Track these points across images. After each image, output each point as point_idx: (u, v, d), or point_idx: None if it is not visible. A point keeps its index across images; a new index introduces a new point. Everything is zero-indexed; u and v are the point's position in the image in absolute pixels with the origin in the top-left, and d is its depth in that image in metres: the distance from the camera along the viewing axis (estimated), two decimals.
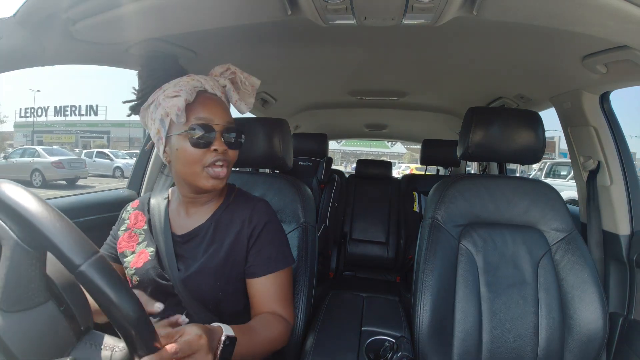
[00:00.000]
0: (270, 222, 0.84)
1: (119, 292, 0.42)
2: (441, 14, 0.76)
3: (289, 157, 1.18)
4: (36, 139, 27.21)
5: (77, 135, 28.02)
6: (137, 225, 0.87)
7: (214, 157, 0.75)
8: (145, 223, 0.86)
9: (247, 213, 0.83)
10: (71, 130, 28.45)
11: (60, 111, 28.78)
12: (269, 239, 0.82)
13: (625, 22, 0.68)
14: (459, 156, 1.20)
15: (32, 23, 0.72)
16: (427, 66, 1.38)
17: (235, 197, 0.87)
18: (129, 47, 0.95)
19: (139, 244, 0.84)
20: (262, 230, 0.82)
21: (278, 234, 0.85)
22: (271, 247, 0.82)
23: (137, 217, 0.88)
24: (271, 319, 0.78)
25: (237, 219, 0.83)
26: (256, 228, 0.82)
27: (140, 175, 1.46)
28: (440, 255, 1.01)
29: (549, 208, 1.07)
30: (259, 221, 0.82)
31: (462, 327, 0.98)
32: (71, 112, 28.70)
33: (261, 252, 0.81)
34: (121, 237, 0.86)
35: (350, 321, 1.06)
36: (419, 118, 2.42)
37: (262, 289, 0.80)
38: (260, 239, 0.81)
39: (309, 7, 0.76)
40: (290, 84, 1.69)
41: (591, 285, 0.98)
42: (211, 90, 0.79)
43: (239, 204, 0.85)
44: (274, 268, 0.81)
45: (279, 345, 0.78)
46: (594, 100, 1.16)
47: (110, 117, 28.89)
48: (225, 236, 0.81)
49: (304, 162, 2.37)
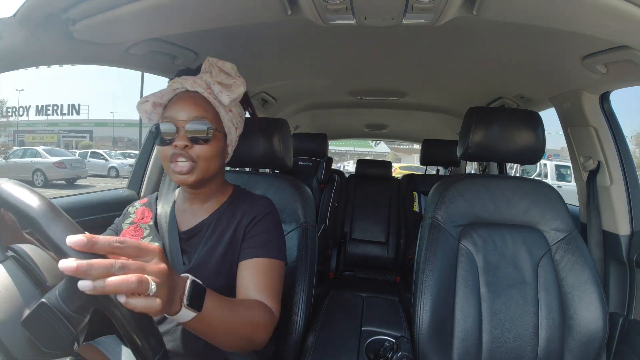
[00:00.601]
0: (270, 214, 0.84)
1: None
2: (441, 14, 0.76)
3: (289, 157, 1.18)
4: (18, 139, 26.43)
5: (59, 135, 27.41)
6: (144, 220, 0.89)
7: (170, 153, 0.77)
8: (151, 219, 0.88)
9: (249, 204, 0.85)
10: (53, 129, 27.84)
11: (42, 110, 28.17)
12: (265, 227, 0.82)
13: (625, 22, 0.68)
14: (459, 156, 1.20)
15: (32, 23, 0.72)
16: (427, 66, 1.38)
17: (238, 195, 0.89)
18: (129, 47, 0.95)
19: (143, 238, 0.86)
20: (261, 219, 0.82)
21: (275, 227, 0.84)
22: (266, 235, 0.81)
23: (143, 213, 0.90)
24: (255, 303, 0.72)
25: (238, 214, 0.84)
26: (255, 218, 0.82)
27: (140, 175, 1.46)
28: (440, 255, 1.01)
29: (549, 208, 1.07)
30: (258, 212, 0.83)
31: (462, 327, 0.98)
32: (53, 112, 28.10)
33: (255, 238, 0.80)
34: (125, 230, 0.88)
35: (350, 321, 1.06)
36: (419, 118, 2.43)
37: (248, 274, 0.76)
38: (256, 227, 0.81)
39: (309, 7, 0.76)
40: (290, 84, 1.69)
41: (591, 286, 0.98)
42: (191, 88, 0.81)
43: (242, 201, 0.87)
44: (264, 254, 0.78)
45: (259, 335, 0.69)
46: (594, 100, 1.16)
47: (92, 116, 28.45)
48: (226, 229, 0.82)
49: (304, 162, 2.37)
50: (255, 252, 0.78)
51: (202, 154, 0.78)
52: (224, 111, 0.82)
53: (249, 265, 0.78)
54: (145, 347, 0.44)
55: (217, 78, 0.81)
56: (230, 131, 0.85)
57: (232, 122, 0.85)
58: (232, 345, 0.67)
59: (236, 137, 0.88)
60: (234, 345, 0.68)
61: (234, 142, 0.89)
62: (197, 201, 0.86)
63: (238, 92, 0.81)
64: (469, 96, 1.75)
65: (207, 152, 0.78)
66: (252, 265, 0.77)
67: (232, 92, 0.81)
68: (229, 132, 0.85)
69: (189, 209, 0.87)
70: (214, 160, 0.81)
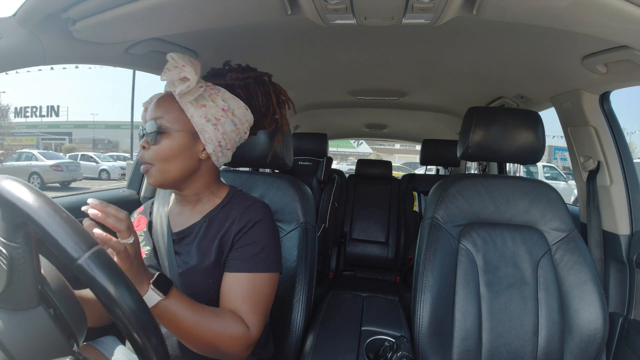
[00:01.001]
0: (263, 221, 0.80)
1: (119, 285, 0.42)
2: (441, 14, 0.76)
3: (289, 157, 1.18)
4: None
5: (39, 137, 26.51)
6: (139, 227, 0.88)
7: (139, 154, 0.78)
8: (145, 225, 0.87)
9: (241, 210, 0.81)
10: (32, 132, 26.95)
11: (21, 112, 27.24)
12: (255, 237, 0.78)
13: (625, 22, 0.68)
14: (459, 156, 1.20)
15: (32, 23, 0.72)
16: (427, 66, 1.37)
17: (233, 198, 0.86)
18: (129, 47, 0.95)
19: None
20: (252, 227, 0.79)
21: (267, 235, 0.80)
22: (255, 247, 0.77)
23: (139, 221, 0.89)
24: (227, 314, 0.71)
25: (229, 218, 0.81)
26: (247, 224, 0.79)
27: (140, 175, 1.46)
28: (440, 255, 1.01)
29: (549, 208, 1.07)
30: (250, 218, 0.79)
31: (462, 327, 0.98)
32: (32, 114, 27.24)
33: (242, 249, 0.77)
34: None
35: (350, 321, 1.05)
36: (419, 118, 2.42)
37: (230, 286, 0.75)
38: (246, 236, 0.78)
39: (309, 7, 0.76)
40: (290, 84, 1.69)
41: (591, 285, 0.98)
42: (168, 88, 0.81)
43: (236, 204, 0.84)
44: (249, 268, 0.75)
45: (227, 346, 0.69)
46: (594, 100, 1.16)
47: (72, 118, 27.73)
48: (217, 233, 0.80)
49: (304, 162, 2.37)
50: (241, 266, 0.76)
51: (155, 155, 0.76)
52: (193, 107, 0.77)
53: (233, 278, 0.76)
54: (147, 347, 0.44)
55: (172, 72, 0.76)
56: (205, 128, 0.78)
57: (207, 117, 0.77)
58: (198, 347, 0.69)
59: (220, 134, 0.79)
60: (200, 349, 0.69)
61: (217, 139, 0.79)
62: (187, 203, 0.85)
63: (187, 84, 0.74)
64: (469, 96, 1.75)
65: (159, 152, 0.76)
66: (236, 279, 0.76)
67: (182, 83, 0.75)
68: (201, 129, 0.78)
69: (183, 211, 0.86)
70: (173, 161, 0.76)
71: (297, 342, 0.95)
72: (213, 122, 0.79)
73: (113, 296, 0.41)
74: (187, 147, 0.78)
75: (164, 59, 0.79)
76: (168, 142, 0.76)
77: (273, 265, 0.79)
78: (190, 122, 0.78)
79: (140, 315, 0.43)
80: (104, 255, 0.43)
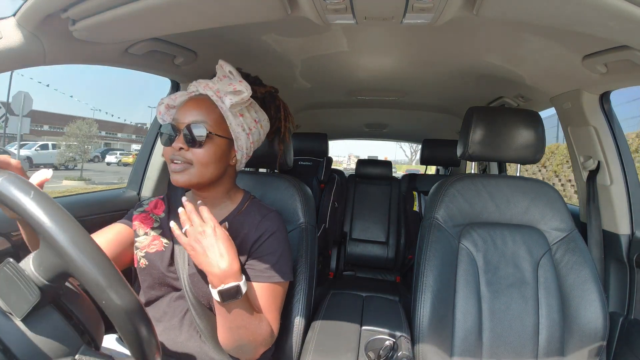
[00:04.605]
0: (279, 232, 0.84)
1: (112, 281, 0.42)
2: (441, 13, 0.76)
3: (289, 157, 1.18)
4: None
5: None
6: (156, 211, 0.89)
7: (170, 153, 0.79)
8: (163, 212, 0.89)
9: (258, 219, 0.85)
10: None
11: None
12: (272, 248, 0.82)
13: (625, 22, 0.68)
14: (459, 156, 1.20)
15: (32, 23, 0.72)
16: (427, 66, 1.37)
17: (249, 205, 0.88)
18: (129, 47, 0.95)
19: (153, 228, 0.86)
20: (269, 238, 0.83)
21: (282, 246, 0.84)
22: (272, 257, 0.82)
23: (156, 204, 0.91)
24: (265, 319, 0.78)
25: (246, 224, 0.84)
26: (264, 234, 0.82)
27: (140, 175, 1.46)
28: (440, 255, 1.01)
29: (549, 208, 1.07)
30: (267, 228, 0.83)
31: (462, 327, 0.98)
32: None
33: (261, 259, 0.81)
34: (135, 216, 0.89)
35: (350, 321, 1.05)
36: (419, 118, 2.42)
37: (252, 296, 0.80)
38: (264, 246, 0.82)
39: (309, 7, 0.76)
40: (290, 84, 1.69)
41: (591, 285, 0.98)
42: (202, 91, 0.82)
43: (252, 211, 0.87)
44: (268, 278, 0.80)
45: (256, 346, 0.76)
46: (594, 100, 1.16)
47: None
48: (233, 239, 0.81)
49: (304, 162, 2.37)
50: (261, 277, 0.80)
51: (196, 157, 0.78)
52: (232, 116, 0.81)
53: (254, 287, 0.80)
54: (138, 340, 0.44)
55: (223, 82, 0.82)
56: (240, 136, 0.83)
57: (243, 127, 0.83)
58: (235, 342, 0.74)
59: (249, 143, 0.86)
60: (234, 344, 0.74)
61: (247, 147, 0.85)
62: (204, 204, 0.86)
63: (241, 96, 0.80)
64: (469, 96, 1.75)
65: (201, 155, 0.78)
66: (257, 288, 0.80)
67: (235, 95, 0.80)
68: (237, 137, 0.82)
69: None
70: (211, 165, 0.79)
71: (297, 342, 0.95)
72: (246, 132, 0.84)
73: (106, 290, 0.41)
74: (225, 153, 0.82)
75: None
76: (212, 146, 0.79)
77: (287, 275, 0.84)
78: (229, 129, 0.82)
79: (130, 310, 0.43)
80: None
